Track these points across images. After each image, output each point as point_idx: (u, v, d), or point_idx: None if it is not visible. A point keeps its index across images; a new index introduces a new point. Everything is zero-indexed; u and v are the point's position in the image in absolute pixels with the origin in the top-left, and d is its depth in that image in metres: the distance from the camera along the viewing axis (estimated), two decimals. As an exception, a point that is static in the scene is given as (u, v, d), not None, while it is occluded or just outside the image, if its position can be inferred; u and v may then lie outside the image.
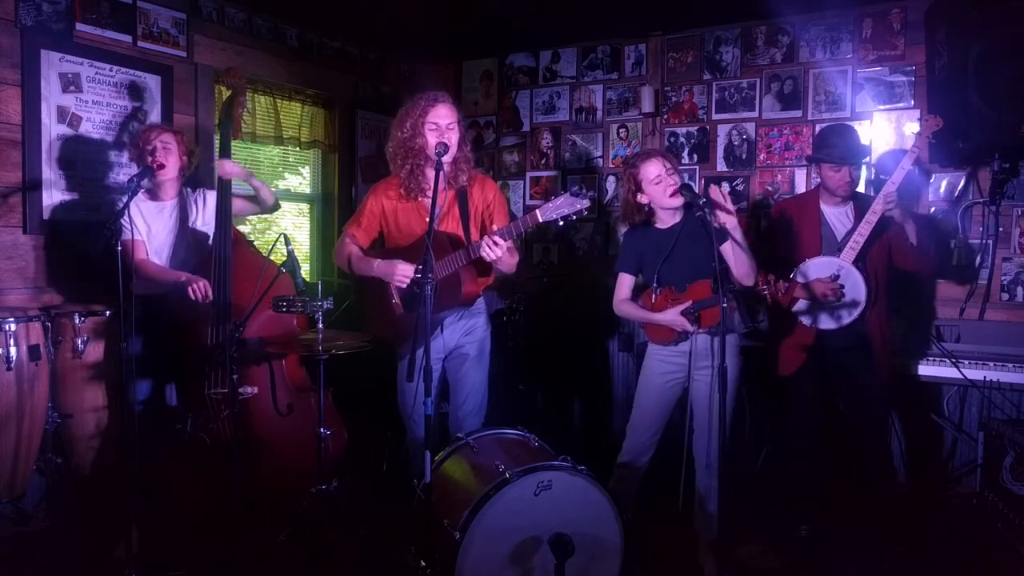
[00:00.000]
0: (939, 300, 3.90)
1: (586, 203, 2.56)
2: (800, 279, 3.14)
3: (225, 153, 3.28)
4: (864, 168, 3.78)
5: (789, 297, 3.12)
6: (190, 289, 3.00)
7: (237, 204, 3.33)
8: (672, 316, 2.84)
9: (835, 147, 3.16)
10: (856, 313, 3.11)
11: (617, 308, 3.08)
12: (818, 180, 3.33)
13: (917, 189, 3.16)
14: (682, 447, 3.00)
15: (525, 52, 5.04)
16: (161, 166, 3.18)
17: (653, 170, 2.89)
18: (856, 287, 3.10)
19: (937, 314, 3.89)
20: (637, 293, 3.09)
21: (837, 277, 3.09)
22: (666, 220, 2.99)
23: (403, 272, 2.86)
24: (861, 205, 3.18)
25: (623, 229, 4.51)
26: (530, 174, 5.06)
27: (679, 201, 2.87)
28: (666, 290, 2.93)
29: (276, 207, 3.53)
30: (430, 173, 2.96)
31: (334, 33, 4.71)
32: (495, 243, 2.67)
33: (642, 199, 2.94)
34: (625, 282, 3.08)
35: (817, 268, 3.15)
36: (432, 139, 2.89)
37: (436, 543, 2.39)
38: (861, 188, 3.62)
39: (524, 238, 4.82)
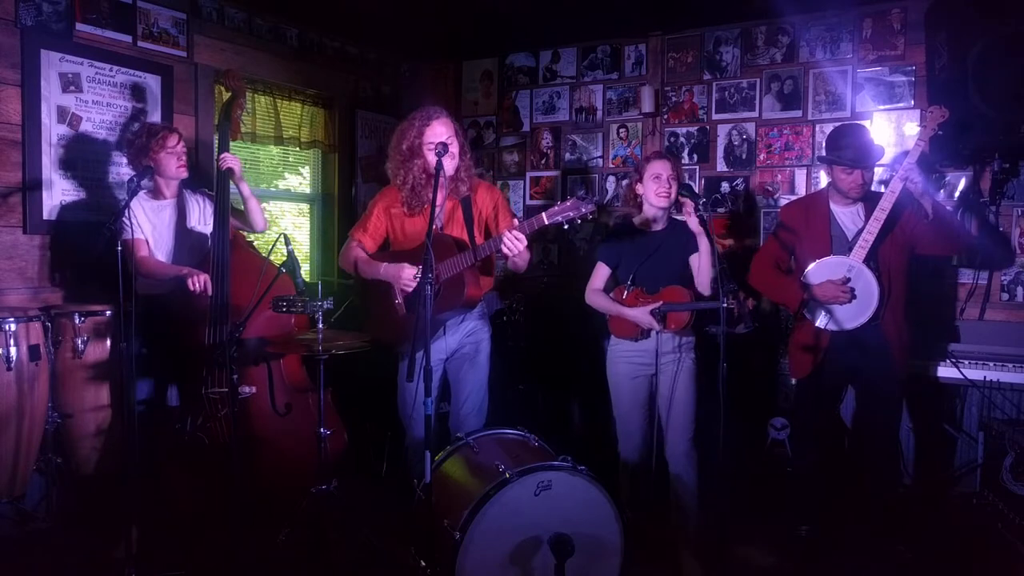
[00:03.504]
0: (941, 300, 3.90)
1: (591, 207, 2.62)
2: (811, 280, 3.12)
3: (224, 152, 3.29)
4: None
5: (794, 300, 3.12)
6: (189, 281, 3.01)
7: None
8: (641, 313, 3.00)
9: (848, 148, 3.08)
10: (869, 313, 3.04)
11: (588, 296, 3.21)
12: (818, 180, 3.32)
13: (925, 186, 3.13)
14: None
15: (525, 52, 5.04)
16: (181, 167, 3.27)
17: (656, 168, 3.09)
18: (868, 287, 3.04)
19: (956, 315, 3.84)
20: (610, 287, 3.21)
21: (848, 280, 3.05)
22: (652, 221, 3.15)
23: (408, 277, 2.90)
24: (872, 204, 3.08)
25: (614, 219, 4.57)
26: (530, 174, 5.06)
27: (663, 203, 3.05)
28: (637, 290, 3.08)
29: (265, 230, 3.55)
30: (431, 190, 2.98)
31: (334, 33, 4.71)
32: (517, 238, 2.75)
33: (639, 189, 3.15)
34: (601, 272, 3.21)
35: (827, 269, 3.09)
36: (431, 157, 2.92)
37: (436, 543, 2.39)
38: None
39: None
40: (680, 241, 3.06)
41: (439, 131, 2.93)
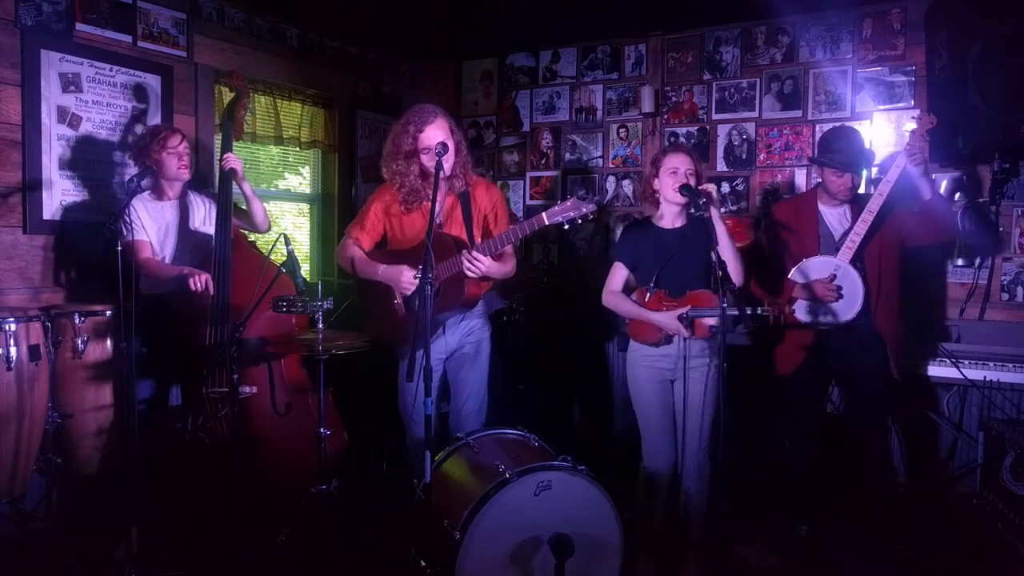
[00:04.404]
0: (940, 300, 3.89)
1: (592, 207, 2.59)
2: (799, 279, 3.15)
3: (227, 152, 3.30)
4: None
5: (788, 308, 3.13)
6: (191, 280, 3.01)
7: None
8: (668, 319, 2.86)
9: (840, 152, 3.12)
10: (854, 312, 3.09)
11: (606, 298, 3.08)
12: (818, 180, 3.32)
13: (914, 189, 3.16)
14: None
15: (525, 52, 5.04)
16: (183, 168, 3.25)
17: (673, 162, 2.97)
18: (854, 287, 3.09)
19: (947, 314, 3.86)
20: (627, 290, 3.10)
21: (834, 277, 3.10)
22: (669, 219, 3.04)
23: (408, 280, 2.90)
24: (859, 205, 3.15)
25: (619, 227, 4.57)
26: (530, 174, 5.06)
27: (679, 199, 2.92)
28: (660, 292, 2.96)
29: (268, 229, 3.54)
30: (429, 186, 2.98)
31: (334, 33, 4.71)
32: (475, 259, 2.74)
33: (655, 184, 3.03)
34: (619, 273, 3.08)
35: (815, 268, 3.14)
36: (427, 161, 2.93)
37: (436, 543, 2.39)
38: (861, 189, 3.61)
39: (525, 238, 4.83)
40: (701, 239, 2.84)
41: (434, 135, 2.93)
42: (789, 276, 3.17)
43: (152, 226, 3.25)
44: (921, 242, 3.24)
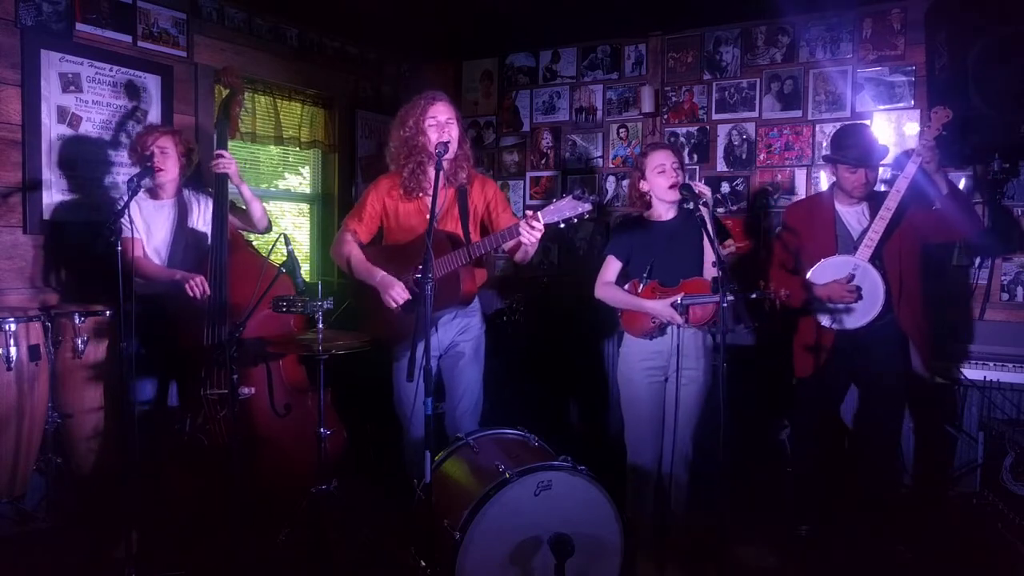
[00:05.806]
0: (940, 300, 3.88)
1: (588, 207, 2.55)
2: (816, 280, 3.11)
3: (221, 150, 3.27)
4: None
5: (797, 299, 3.10)
6: (187, 286, 3.00)
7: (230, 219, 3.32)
8: (661, 306, 2.86)
9: (852, 148, 3.10)
10: (875, 312, 3.04)
11: (599, 290, 3.09)
12: (818, 180, 3.32)
13: (925, 188, 3.14)
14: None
15: (525, 52, 5.04)
16: (159, 170, 3.19)
17: (658, 159, 2.98)
18: (874, 286, 3.04)
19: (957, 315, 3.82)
20: (620, 283, 3.10)
21: (852, 277, 3.05)
22: (661, 213, 3.05)
23: (397, 295, 2.88)
24: (877, 204, 3.09)
25: (615, 219, 4.54)
26: (530, 174, 5.06)
27: (675, 195, 2.93)
28: (654, 283, 2.96)
29: (268, 230, 3.51)
30: (431, 172, 2.97)
31: (334, 33, 4.71)
32: (532, 227, 2.59)
33: (644, 187, 3.03)
34: (612, 266, 3.10)
35: (832, 268, 3.09)
36: (433, 135, 2.91)
37: (436, 543, 2.39)
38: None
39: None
40: (693, 228, 2.88)
41: (441, 109, 2.93)
42: (807, 278, 3.14)
43: (145, 226, 3.23)
44: (941, 239, 3.23)
